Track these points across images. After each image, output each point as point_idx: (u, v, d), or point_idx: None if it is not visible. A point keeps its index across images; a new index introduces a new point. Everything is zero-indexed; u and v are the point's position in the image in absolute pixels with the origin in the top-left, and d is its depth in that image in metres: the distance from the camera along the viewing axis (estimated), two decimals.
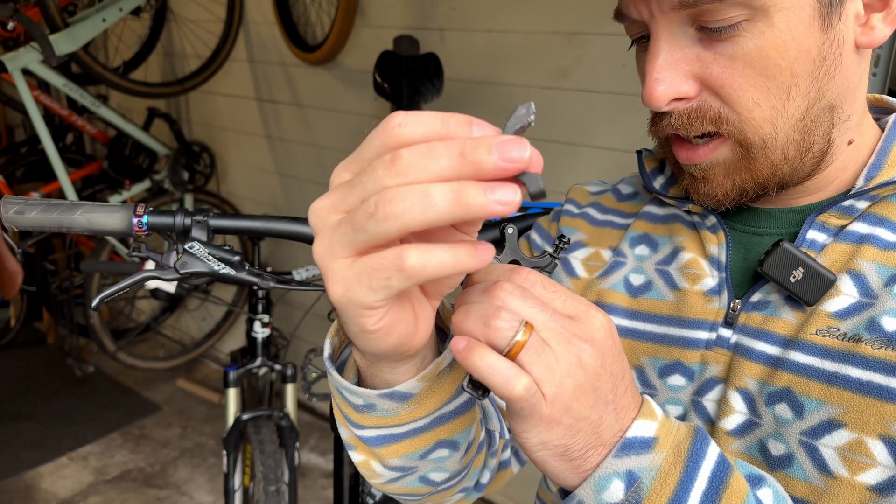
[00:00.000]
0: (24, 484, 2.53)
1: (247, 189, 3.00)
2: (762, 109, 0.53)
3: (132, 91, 2.44)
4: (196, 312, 3.26)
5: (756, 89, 0.52)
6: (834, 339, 0.53)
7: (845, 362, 0.52)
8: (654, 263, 0.66)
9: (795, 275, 0.55)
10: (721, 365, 0.59)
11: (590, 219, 0.74)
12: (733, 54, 0.51)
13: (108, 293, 0.73)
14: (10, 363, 3.32)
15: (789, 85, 0.52)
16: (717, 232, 0.62)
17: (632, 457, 0.43)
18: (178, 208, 0.77)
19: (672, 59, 0.53)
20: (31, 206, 0.71)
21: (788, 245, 0.56)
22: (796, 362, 0.54)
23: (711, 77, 0.53)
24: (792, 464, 0.54)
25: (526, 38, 1.91)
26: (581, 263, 0.71)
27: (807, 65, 0.52)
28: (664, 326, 0.63)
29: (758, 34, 0.50)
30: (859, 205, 0.56)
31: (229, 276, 0.77)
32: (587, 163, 1.87)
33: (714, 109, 0.54)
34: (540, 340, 0.41)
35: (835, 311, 0.54)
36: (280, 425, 1.80)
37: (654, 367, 0.63)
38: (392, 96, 1.74)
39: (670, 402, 0.62)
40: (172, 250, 0.75)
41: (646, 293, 0.65)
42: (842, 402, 0.52)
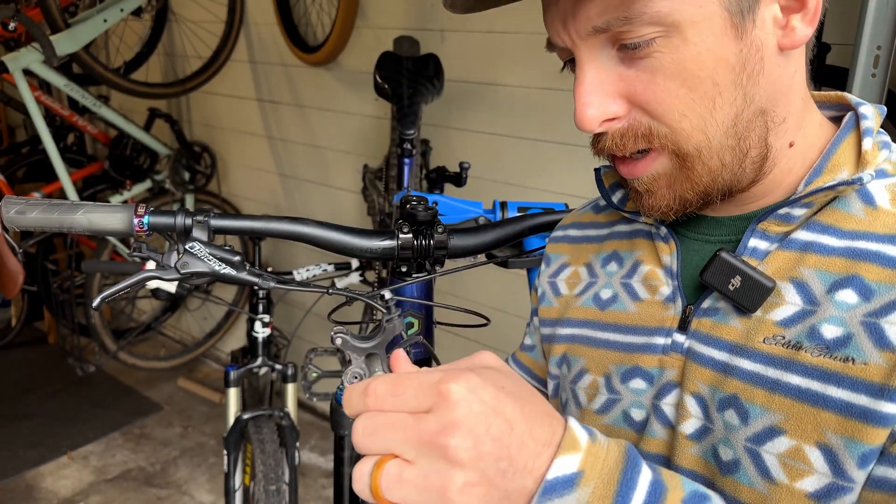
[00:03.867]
0: (24, 483, 2.53)
1: (248, 189, 3.00)
2: (689, 120, 0.53)
3: (133, 91, 2.44)
4: (197, 312, 3.26)
5: (680, 101, 0.53)
6: (778, 347, 0.54)
7: (786, 370, 0.53)
8: (620, 278, 0.68)
9: (734, 283, 0.56)
10: (676, 369, 0.60)
11: (570, 239, 0.77)
12: (653, 70, 0.52)
13: (109, 293, 0.74)
14: (11, 363, 3.33)
15: (713, 94, 0.53)
16: (669, 241, 0.64)
17: (555, 500, 0.41)
18: (179, 208, 0.78)
19: (598, 81, 0.54)
20: (32, 206, 0.71)
21: (726, 254, 0.57)
22: (743, 369, 0.55)
23: (636, 94, 0.54)
24: (739, 469, 0.55)
25: (526, 39, 1.91)
26: (564, 283, 0.75)
27: (727, 73, 0.52)
28: (629, 335, 0.65)
29: (673, 49, 0.51)
30: (796, 212, 0.56)
31: (230, 276, 0.77)
32: (586, 163, 1.87)
33: (644, 125, 0.55)
34: (397, 469, 0.41)
35: (780, 319, 0.55)
36: (280, 425, 1.81)
37: (618, 374, 0.65)
38: (392, 97, 1.75)
39: (634, 406, 0.63)
40: (173, 250, 0.76)
41: (612, 305, 0.68)
42: (783, 410, 0.52)
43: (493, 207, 1.23)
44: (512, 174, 2.05)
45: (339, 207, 2.61)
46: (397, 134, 1.65)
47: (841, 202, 0.56)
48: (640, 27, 0.51)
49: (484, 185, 2.08)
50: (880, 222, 0.54)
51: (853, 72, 1.16)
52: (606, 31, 0.52)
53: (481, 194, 2.04)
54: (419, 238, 0.87)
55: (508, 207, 1.23)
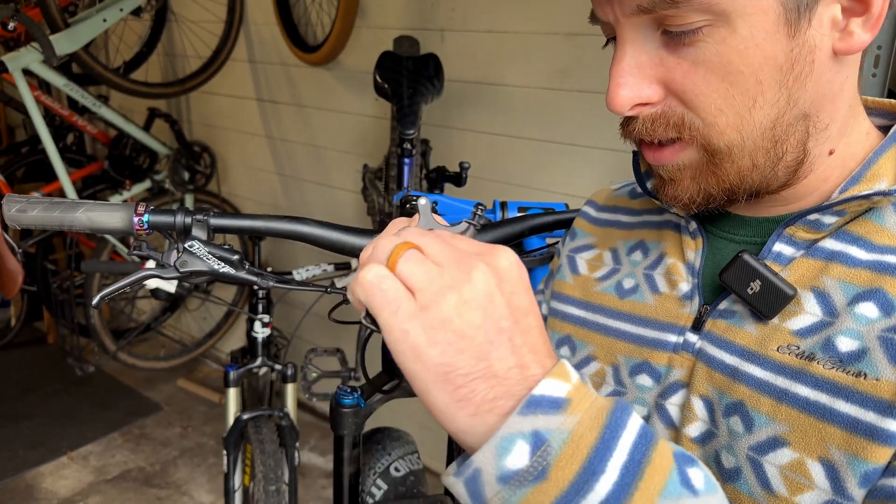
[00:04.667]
0: (24, 483, 2.53)
1: (247, 189, 3.00)
2: (726, 116, 0.51)
3: (133, 91, 2.44)
4: (196, 312, 3.26)
5: (719, 96, 0.51)
6: (791, 357, 0.52)
7: (796, 380, 0.51)
8: (644, 268, 0.67)
9: (753, 287, 0.54)
10: (685, 369, 0.59)
11: (599, 221, 0.76)
12: (696, 59, 0.50)
13: (109, 291, 0.74)
14: (10, 363, 3.32)
15: (755, 92, 0.50)
16: (696, 238, 0.62)
17: (538, 416, 0.38)
18: (179, 207, 0.78)
19: (636, 63, 0.52)
20: (32, 204, 0.71)
21: (748, 256, 0.55)
22: (752, 376, 0.54)
23: (674, 82, 0.52)
24: (740, 478, 0.53)
25: (526, 39, 1.91)
26: (585, 262, 0.73)
27: (773, 72, 0.50)
28: (641, 328, 0.64)
29: (720, 40, 0.49)
30: (826, 219, 0.54)
31: (229, 275, 0.77)
32: (586, 163, 1.87)
33: (678, 114, 0.53)
34: (423, 256, 0.42)
35: (797, 328, 0.53)
36: (280, 425, 1.81)
37: (627, 366, 0.64)
38: (392, 97, 1.74)
39: (637, 402, 0.62)
40: (173, 249, 0.76)
41: (632, 295, 0.66)
42: (788, 421, 0.51)
43: (493, 207, 1.23)
44: (512, 174, 2.05)
45: (339, 207, 2.61)
46: (397, 134, 1.65)
47: (875, 214, 0.53)
48: (688, 13, 0.48)
49: (484, 185, 2.08)
50: None
51: None
52: (651, 12, 0.49)
53: (481, 194, 2.04)
54: None
55: (508, 207, 1.23)
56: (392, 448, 1.03)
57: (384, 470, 1.01)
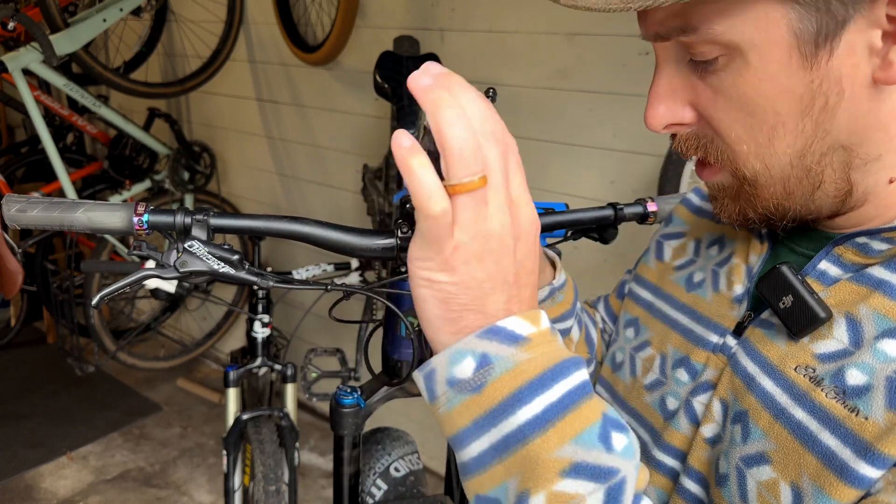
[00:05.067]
0: (24, 483, 2.53)
1: (247, 189, 3.00)
2: (747, 145, 0.51)
3: (133, 91, 2.44)
4: (196, 312, 3.26)
5: (739, 126, 0.51)
6: (804, 379, 0.51)
7: (797, 401, 0.51)
8: (714, 264, 0.67)
9: (785, 301, 0.53)
10: (717, 371, 0.60)
11: (697, 210, 0.76)
12: (717, 88, 0.51)
13: (109, 291, 0.74)
14: (10, 363, 3.32)
15: (773, 123, 0.50)
16: (764, 242, 0.62)
17: (493, 342, 0.43)
18: (179, 207, 0.78)
19: (669, 85, 0.53)
20: (32, 204, 0.71)
21: (785, 269, 0.54)
22: (762, 388, 0.54)
23: (702, 107, 0.52)
24: (726, 485, 0.55)
25: (526, 39, 1.91)
26: (671, 250, 0.75)
27: (792, 103, 0.48)
28: (694, 322, 0.65)
29: (734, 72, 0.49)
30: (875, 245, 0.52)
31: (229, 274, 0.77)
32: (587, 163, 1.87)
33: (708, 137, 0.54)
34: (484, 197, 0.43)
35: (820, 352, 0.52)
36: (280, 425, 1.81)
37: (672, 358, 0.65)
38: (392, 97, 1.75)
39: (672, 394, 0.64)
40: (172, 249, 0.75)
41: (697, 289, 0.67)
42: (778, 440, 0.51)
43: None
44: None
45: (339, 207, 2.61)
46: None
47: None
48: (702, 44, 0.48)
49: None
50: None
51: None
52: (669, 39, 0.50)
53: None
54: None
55: None
56: (392, 448, 1.03)
57: (384, 470, 1.01)
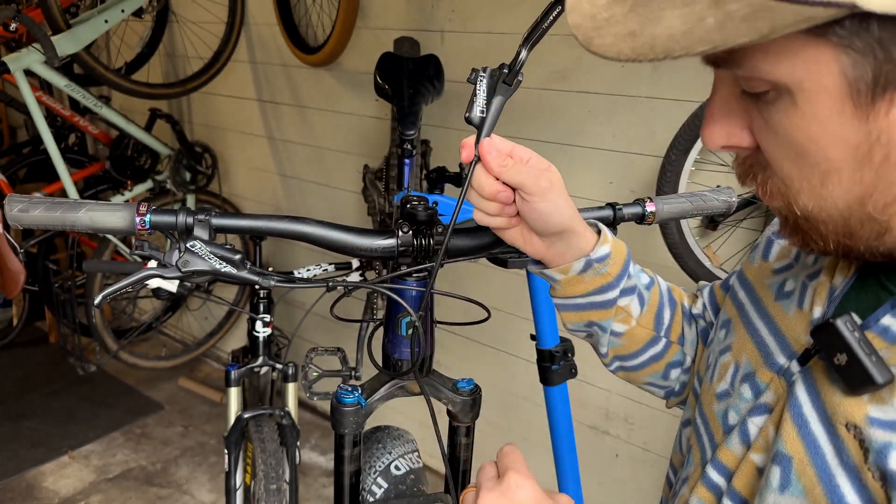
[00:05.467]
0: (25, 482, 2.54)
1: (248, 190, 3.01)
2: (798, 183, 0.47)
3: (134, 92, 2.45)
4: (198, 312, 3.27)
5: (789, 164, 0.47)
6: (854, 441, 0.47)
7: (846, 472, 0.47)
8: (806, 275, 0.62)
9: (839, 359, 0.48)
10: (776, 395, 0.57)
11: None
12: (768, 121, 0.46)
13: (111, 290, 0.74)
14: (12, 362, 3.33)
15: (825, 169, 0.45)
16: (852, 265, 0.56)
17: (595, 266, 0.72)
18: (181, 207, 0.78)
19: (725, 106, 0.50)
20: (35, 204, 0.72)
21: (841, 324, 0.48)
22: (815, 441, 0.50)
23: (756, 134, 0.49)
24: None
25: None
26: (779, 248, 0.69)
27: (846, 153, 0.43)
28: (770, 336, 0.61)
29: (783, 110, 0.44)
30: None
31: (231, 274, 0.78)
32: (586, 164, 1.88)
33: (762, 165, 0.50)
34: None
35: (874, 415, 0.46)
36: (281, 424, 1.81)
37: (742, 371, 0.62)
38: (393, 97, 1.75)
39: (734, 410, 0.62)
40: (174, 249, 0.76)
41: (783, 299, 0.62)
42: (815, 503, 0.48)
43: None
44: None
45: (340, 207, 2.61)
46: (397, 134, 1.66)
47: None
48: (750, 77, 0.44)
49: None
50: None
51: None
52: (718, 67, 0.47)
53: None
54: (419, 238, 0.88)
55: None
56: (392, 447, 1.04)
57: (385, 468, 1.01)
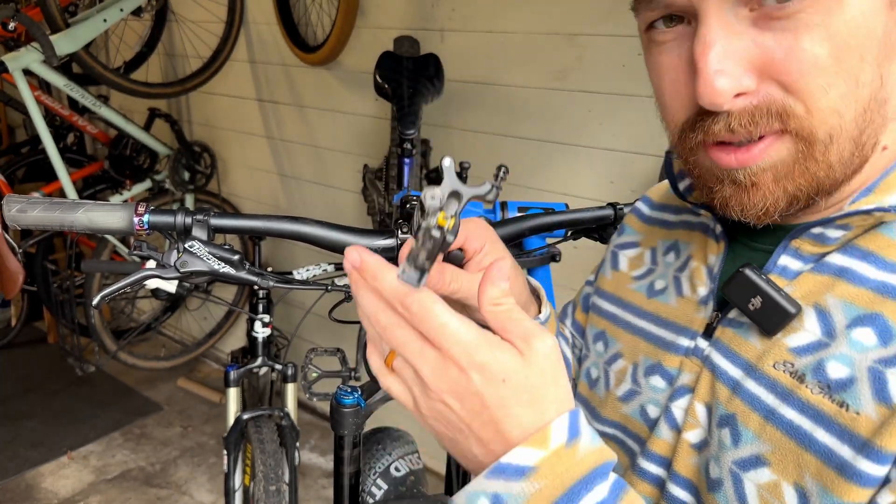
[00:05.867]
0: (24, 483, 2.53)
1: (248, 189, 3.00)
2: (830, 98, 0.45)
3: (133, 91, 2.44)
4: (197, 312, 3.26)
5: (825, 74, 0.45)
6: (785, 375, 0.50)
7: (784, 401, 0.50)
8: (674, 270, 0.66)
9: (754, 303, 0.52)
10: (693, 374, 0.58)
11: (647, 219, 0.74)
12: (798, 33, 0.44)
13: (110, 291, 0.74)
14: (11, 363, 3.33)
15: (857, 69, 0.45)
16: (720, 241, 0.60)
17: (501, 481, 0.43)
18: (179, 207, 0.78)
19: (729, 46, 0.45)
20: (33, 204, 0.71)
21: (749, 271, 0.52)
22: (748, 390, 0.53)
23: (773, 63, 0.45)
24: (720, 489, 0.53)
25: (526, 39, 1.91)
26: (627, 260, 0.73)
27: (873, 47, 0.45)
28: (662, 329, 0.64)
29: (825, 9, 0.43)
30: (831, 233, 0.51)
31: (229, 275, 0.77)
32: (586, 164, 1.88)
33: (778, 102, 0.46)
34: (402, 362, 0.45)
35: (794, 346, 0.51)
36: (280, 425, 1.81)
37: (644, 366, 0.64)
38: (392, 97, 1.75)
39: (651, 402, 0.63)
40: (173, 249, 0.76)
41: (658, 296, 0.66)
42: (772, 441, 0.50)
43: (493, 207, 1.23)
44: (512, 174, 2.05)
45: (339, 207, 2.61)
46: (397, 134, 1.65)
47: (888, 228, 0.49)
48: None
49: None
50: None
51: None
52: None
53: None
54: None
55: (508, 207, 1.23)
56: (392, 448, 1.03)
57: (384, 470, 1.01)
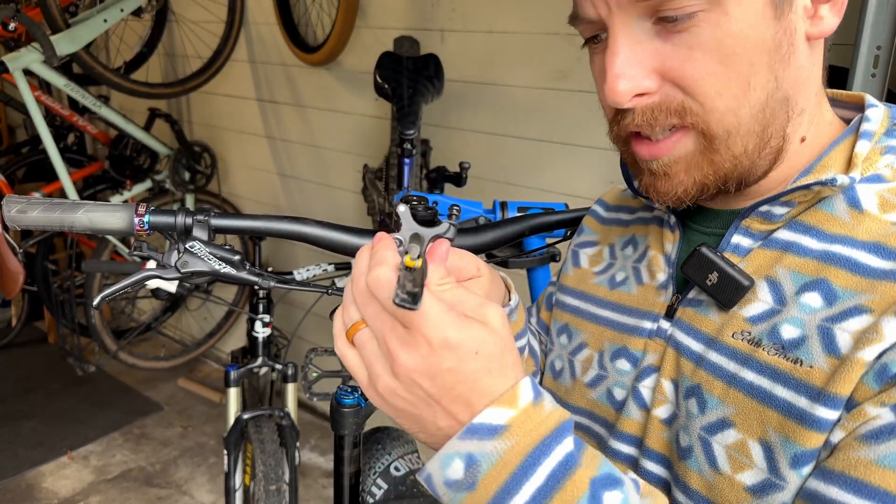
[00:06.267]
0: (25, 483, 2.53)
1: (248, 189, 3.00)
2: (724, 99, 0.52)
3: (133, 91, 2.44)
4: (197, 312, 3.26)
5: (717, 79, 0.51)
6: (743, 343, 0.54)
7: (744, 365, 0.54)
8: (632, 262, 0.70)
9: (711, 279, 0.56)
10: (657, 354, 0.62)
11: (604, 220, 0.79)
12: (692, 45, 0.51)
13: (110, 291, 0.74)
14: (11, 363, 3.33)
15: (748, 74, 0.52)
16: (675, 231, 0.65)
17: (474, 441, 0.45)
18: (180, 208, 0.78)
19: (632, 53, 0.52)
20: (33, 205, 0.72)
21: (705, 249, 0.57)
22: (710, 361, 0.56)
23: (672, 70, 0.52)
24: (691, 456, 0.56)
25: (526, 39, 1.91)
26: (587, 257, 0.78)
27: (763, 54, 0.51)
28: (624, 316, 0.67)
29: (714, 24, 0.50)
30: (776, 210, 0.56)
31: (230, 275, 0.77)
32: (586, 163, 1.88)
33: (677, 101, 0.53)
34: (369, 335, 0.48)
35: (749, 315, 0.55)
36: (281, 424, 1.81)
37: (609, 351, 0.68)
38: (392, 97, 1.74)
39: (617, 385, 0.66)
40: (173, 249, 0.76)
41: (620, 287, 0.70)
42: (735, 404, 0.54)
43: (493, 207, 1.23)
44: (512, 174, 2.05)
45: (339, 207, 2.61)
46: (397, 134, 1.65)
47: (826, 203, 0.55)
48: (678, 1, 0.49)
49: (484, 185, 2.08)
50: (863, 227, 0.53)
51: (853, 72, 1.16)
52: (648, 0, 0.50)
53: (481, 194, 2.04)
54: None
55: (508, 207, 1.23)
56: (392, 447, 1.03)
57: (384, 469, 1.01)
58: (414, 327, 0.44)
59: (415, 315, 0.44)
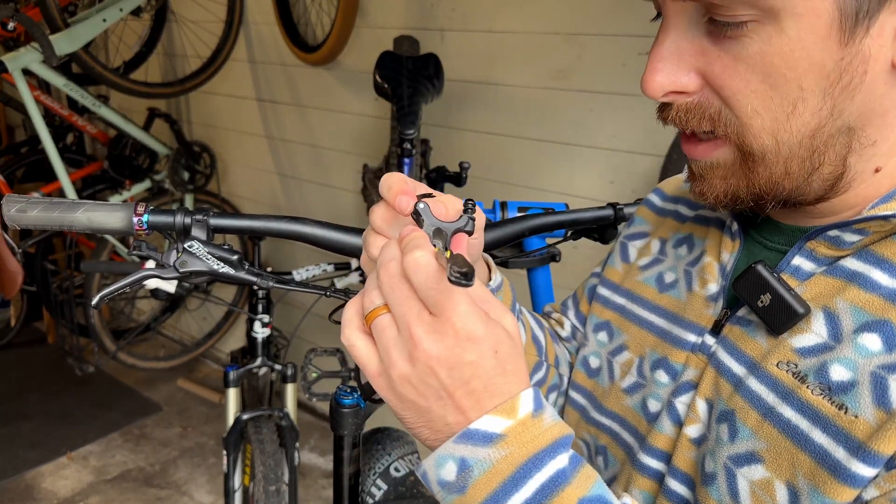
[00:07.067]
0: (24, 483, 2.53)
1: (247, 189, 3.00)
2: (762, 119, 0.48)
3: (133, 91, 2.44)
4: (196, 312, 3.26)
5: (757, 97, 0.48)
6: (787, 375, 0.51)
7: (784, 399, 0.51)
8: (685, 264, 0.67)
9: (763, 300, 0.53)
10: (698, 370, 0.60)
11: (660, 210, 0.76)
12: (738, 55, 0.47)
13: (109, 291, 0.74)
14: (10, 363, 3.32)
15: (795, 98, 0.47)
16: (735, 239, 0.61)
17: (469, 446, 0.45)
18: (179, 207, 0.78)
19: (676, 48, 0.50)
20: (32, 204, 0.71)
21: (761, 268, 0.53)
22: (749, 388, 0.54)
23: (713, 74, 0.49)
24: (714, 483, 0.54)
25: (526, 39, 1.91)
26: (636, 250, 0.74)
27: (819, 80, 0.46)
28: (670, 323, 0.64)
29: (765, 38, 0.46)
30: (847, 237, 0.52)
31: (229, 275, 0.77)
32: (586, 163, 1.87)
33: (715, 108, 0.50)
34: (390, 321, 0.46)
35: (799, 346, 0.51)
36: (280, 425, 1.81)
37: (650, 360, 0.65)
38: (392, 97, 1.74)
39: (653, 396, 0.64)
40: (172, 249, 0.75)
41: (669, 290, 0.67)
42: (768, 439, 0.51)
43: (493, 207, 1.23)
44: (512, 174, 2.05)
45: (339, 207, 2.61)
46: (397, 134, 1.65)
47: None
48: (735, 5, 0.45)
49: (484, 185, 2.08)
50: None
51: None
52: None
53: (481, 194, 2.04)
54: None
55: (508, 207, 1.23)
56: (392, 448, 1.03)
57: (384, 470, 1.01)
58: (444, 315, 0.44)
59: (447, 303, 0.44)
